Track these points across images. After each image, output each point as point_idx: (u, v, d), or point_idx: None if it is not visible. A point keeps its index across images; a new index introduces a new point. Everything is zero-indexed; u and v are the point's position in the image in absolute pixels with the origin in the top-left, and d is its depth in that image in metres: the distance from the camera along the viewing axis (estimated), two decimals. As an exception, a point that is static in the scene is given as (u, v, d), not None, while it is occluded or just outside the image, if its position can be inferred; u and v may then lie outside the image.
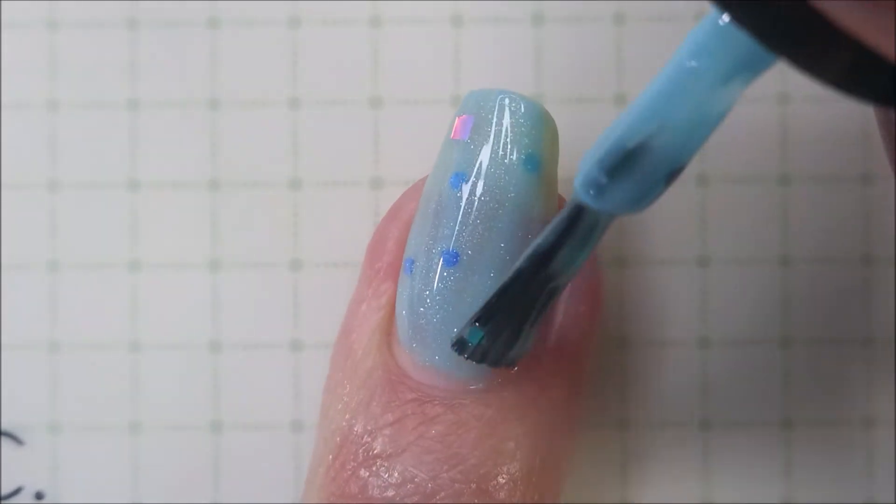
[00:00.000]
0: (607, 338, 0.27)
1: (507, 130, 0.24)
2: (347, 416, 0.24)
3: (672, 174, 0.21)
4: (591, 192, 0.21)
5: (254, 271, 0.27)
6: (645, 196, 0.21)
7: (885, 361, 0.27)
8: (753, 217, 0.27)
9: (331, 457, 0.24)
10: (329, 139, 0.27)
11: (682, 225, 0.27)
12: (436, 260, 0.24)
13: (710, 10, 0.20)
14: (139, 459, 0.27)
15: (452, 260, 0.24)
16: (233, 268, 0.27)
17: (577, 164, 0.25)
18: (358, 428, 0.24)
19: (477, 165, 0.24)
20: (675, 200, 0.27)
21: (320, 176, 0.27)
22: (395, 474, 0.23)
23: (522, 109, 0.24)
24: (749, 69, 0.21)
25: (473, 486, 0.23)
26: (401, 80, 0.27)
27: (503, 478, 0.24)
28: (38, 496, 0.27)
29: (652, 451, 0.27)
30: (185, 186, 0.27)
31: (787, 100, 0.27)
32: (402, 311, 0.24)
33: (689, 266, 0.27)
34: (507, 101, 0.24)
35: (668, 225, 0.27)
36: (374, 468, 0.24)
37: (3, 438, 0.27)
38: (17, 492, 0.27)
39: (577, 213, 0.22)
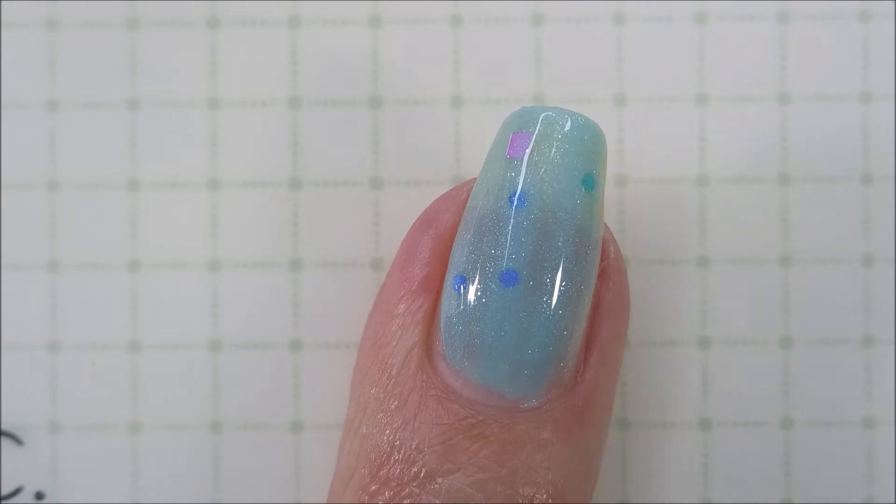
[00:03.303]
0: (607, 338, 0.27)
1: (566, 148, 0.24)
2: (388, 433, 0.24)
3: None
4: None
5: (254, 271, 0.27)
6: None
7: (885, 361, 0.27)
8: (753, 217, 0.27)
9: (367, 472, 0.24)
10: (329, 139, 0.27)
11: (682, 225, 0.27)
12: (493, 279, 0.23)
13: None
14: (139, 459, 0.27)
15: (512, 280, 0.23)
16: (233, 268, 0.27)
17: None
18: (403, 445, 0.24)
19: (536, 184, 0.24)
20: (676, 200, 0.27)
21: (320, 176, 0.27)
22: (448, 493, 0.23)
23: (580, 127, 0.24)
24: None
25: (525, 501, 0.23)
26: (401, 80, 0.27)
27: (552, 494, 0.23)
28: (38, 496, 0.27)
29: (652, 451, 0.27)
30: (185, 186, 0.27)
31: (787, 100, 0.27)
32: (451, 329, 0.24)
33: (689, 266, 0.27)
34: (564, 118, 0.24)
35: (668, 226, 0.27)
36: (426, 486, 0.23)
37: (3, 438, 0.27)
38: (17, 492, 0.27)
39: None
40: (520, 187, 0.24)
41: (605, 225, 0.25)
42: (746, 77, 0.27)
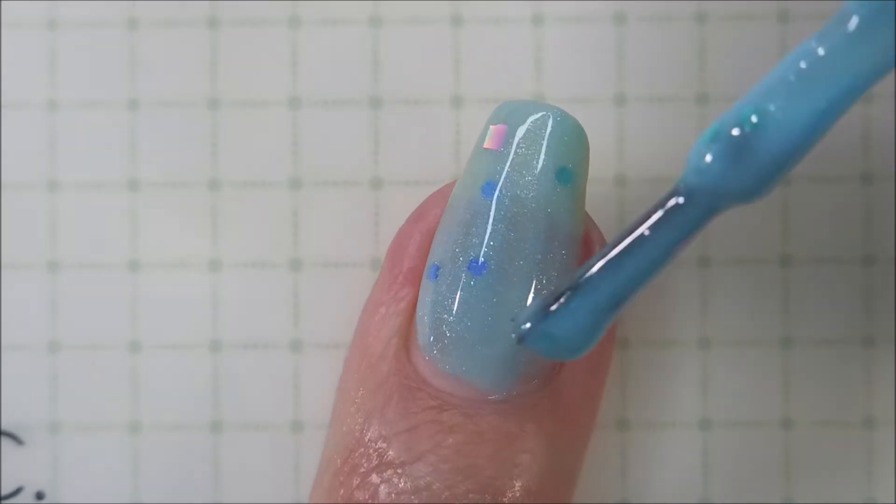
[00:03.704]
0: (607, 338, 0.27)
1: (542, 142, 0.24)
2: (360, 420, 0.24)
3: (784, 163, 0.21)
4: (697, 168, 0.21)
5: (254, 271, 0.27)
6: (752, 180, 0.21)
7: (885, 361, 0.27)
8: (753, 217, 0.27)
9: (339, 460, 0.24)
10: (329, 139, 0.27)
11: (682, 225, 0.27)
12: (463, 268, 0.24)
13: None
14: (139, 459, 0.27)
15: (480, 269, 0.23)
16: (233, 268, 0.27)
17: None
18: (371, 433, 0.24)
19: (510, 176, 0.24)
20: (675, 200, 0.27)
21: (320, 176, 0.27)
22: (409, 482, 0.23)
23: (558, 122, 0.24)
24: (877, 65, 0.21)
25: (488, 497, 0.23)
26: (401, 80, 0.27)
27: (518, 491, 0.23)
28: (38, 496, 0.27)
29: (652, 451, 0.27)
30: (185, 186, 0.27)
31: (787, 100, 0.27)
32: (423, 317, 0.24)
33: (689, 267, 0.27)
34: (542, 113, 0.24)
35: (668, 225, 0.27)
36: (386, 474, 0.23)
37: (3, 438, 0.27)
38: (17, 492, 0.27)
39: (677, 200, 0.22)
40: (492, 178, 0.24)
41: (593, 222, 0.25)
42: (747, 77, 0.27)
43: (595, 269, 0.22)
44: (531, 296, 0.23)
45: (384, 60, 0.27)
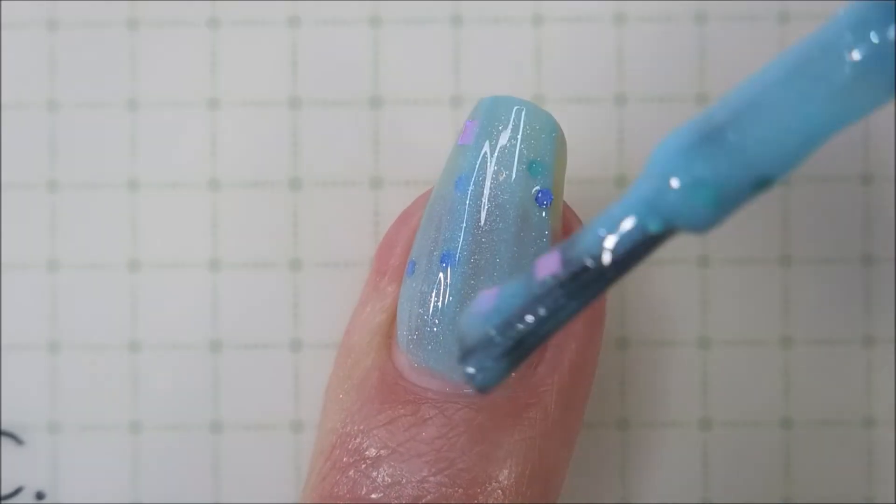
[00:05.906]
0: (607, 338, 0.27)
1: (514, 136, 0.24)
2: (342, 416, 0.24)
3: (759, 183, 0.20)
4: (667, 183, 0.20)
5: (254, 271, 0.27)
6: (721, 198, 0.20)
7: (885, 361, 0.27)
8: (753, 217, 0.27)
9: (323, 457, 0.24)
10: (329, 139, 0.27)
11: (682, 225, 0.27)
12: (436, 262, 0.24)
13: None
14: (139, 459, 0.27)
15: (453, 263, 0.24)
16: (233, 268, 0.27)
17: (578, 163, 0.25)
18: (351, 428, 0.24)
19: (482, 170, 0.24)
20: (675, 200, 0.27)
21: (320, 176, 0.27)
22: (384, 476, 0.23)
23: (531, 117, 0.24)
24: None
25: (460, 490, 0.23)
26: (401, 80, 0.27)
27: (491, 485, 0.23)
28: (38, 496, 0.27)
29: (652, 451, 0.27)
30: (185, 186, 0.27)
31: (787, 100, 0.27)
32: (401, 313, 0.24)
33: (689, 266, 0.27)
34: (516, 107, 0.24)
35: (668, 225, 0.27)
36: (363, 469, 0.23)
37: (3, 438, 0.27)
38: (17, 492, 0.27)
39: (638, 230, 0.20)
40: (465, 173, 0.24)
41: (576, 216, 0.25)
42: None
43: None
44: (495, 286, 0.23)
45: (384, 60, 0.27)
